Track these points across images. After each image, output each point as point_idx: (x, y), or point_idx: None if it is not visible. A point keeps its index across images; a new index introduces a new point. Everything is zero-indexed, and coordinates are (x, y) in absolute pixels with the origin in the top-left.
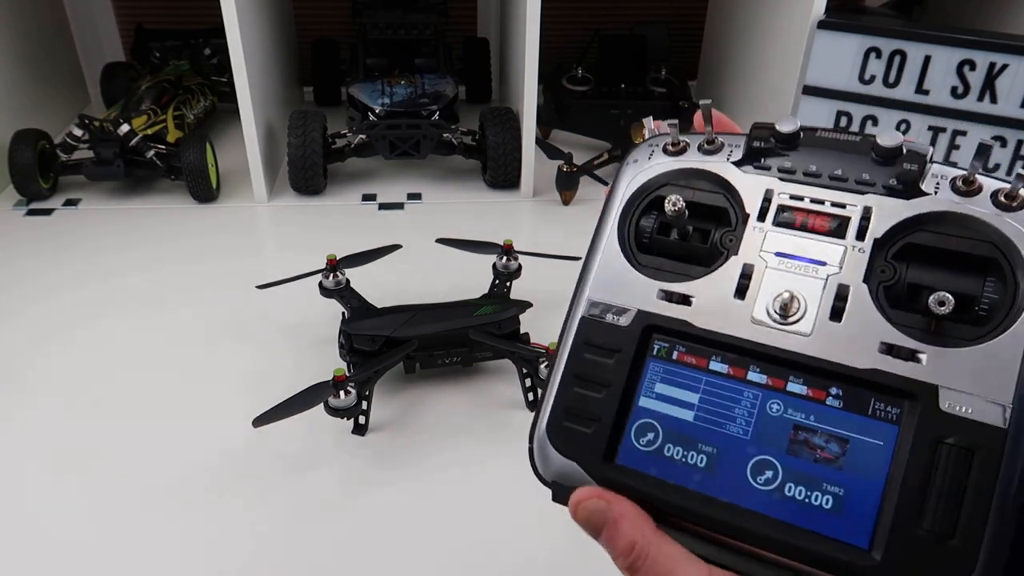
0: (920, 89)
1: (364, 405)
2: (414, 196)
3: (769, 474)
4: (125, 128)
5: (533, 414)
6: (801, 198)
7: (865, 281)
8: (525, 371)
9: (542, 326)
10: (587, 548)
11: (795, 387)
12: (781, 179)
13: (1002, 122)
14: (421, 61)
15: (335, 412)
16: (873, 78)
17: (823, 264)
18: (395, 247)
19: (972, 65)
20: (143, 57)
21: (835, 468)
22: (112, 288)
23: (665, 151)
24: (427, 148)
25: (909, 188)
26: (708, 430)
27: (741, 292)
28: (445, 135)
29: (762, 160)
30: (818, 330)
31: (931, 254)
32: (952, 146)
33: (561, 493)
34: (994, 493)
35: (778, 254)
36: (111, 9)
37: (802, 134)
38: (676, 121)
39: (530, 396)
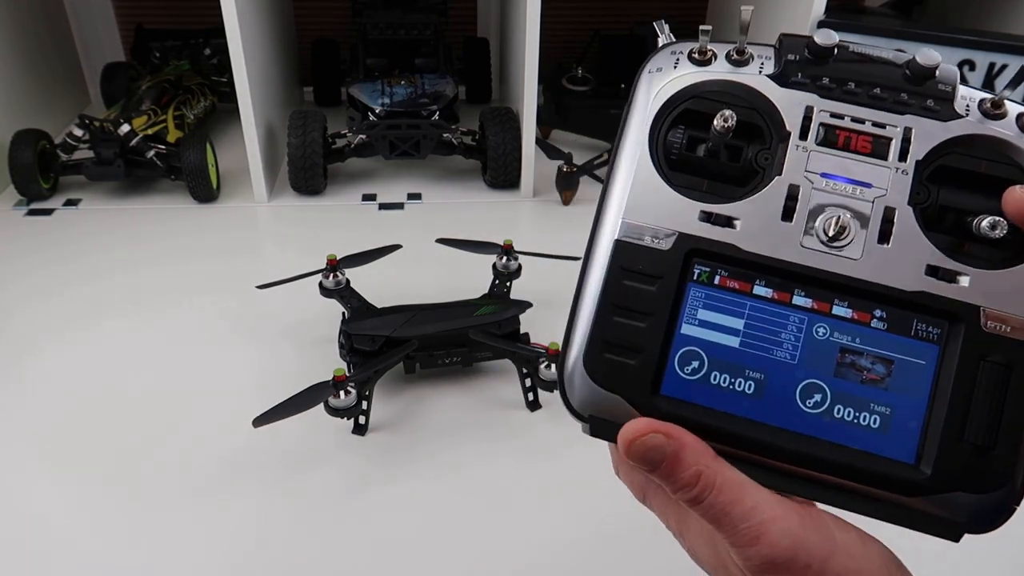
0: None
1: (364, 405)
2: (414, 196)
3: (818, 397)
4: (125, 128)
5: (562, 347)
6: (842, 117)
7: (910, 203)
8: (525, 371)
9: (542, 326)
10: (587, 548)
11: (840, 310)
12: (821, 96)
13: None
14: (421, 61)
15: (335, 412)
16: None
17: (869, 186)
18: (395, 247)
19: (972, 65)
20: (143, 57)
21: (881, 388)
22: (112, 288)
23: (691, 59)
24: (427, 148)
25: (944, 109)
26: (755, 356)
27: (788, 214)
28: (445, 135)
29: (799, 75)
30: (867, 253)
31: (961, 176)
32: None
33: (601, 428)
34: None
35: (824, 175)
36: (111, 9)
37: (836, 50)
38: (709, 28)
39: (530, 396)
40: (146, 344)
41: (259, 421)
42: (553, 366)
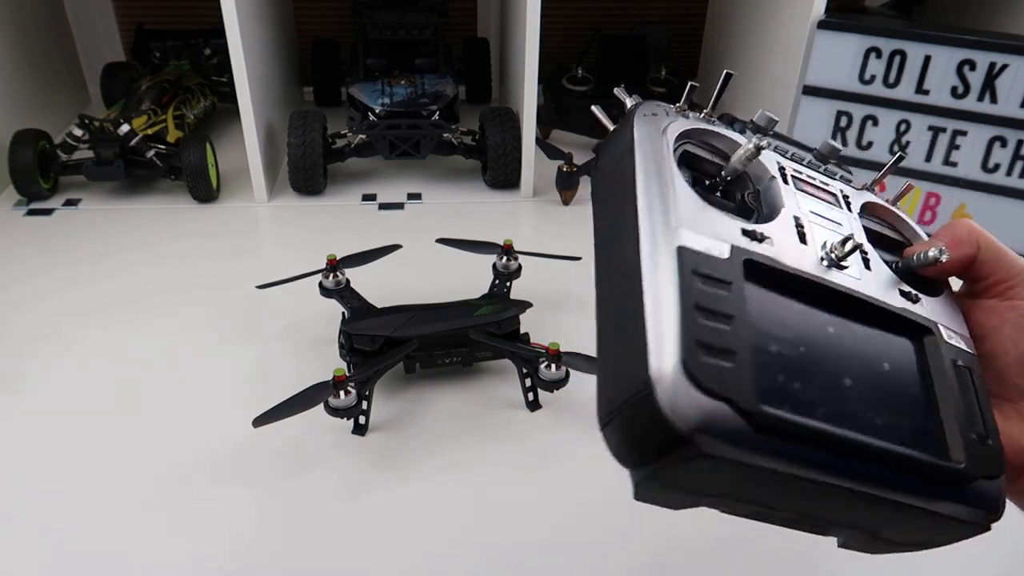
0: (920, 89)
1: (364, 405)
2: (414, 196)
3: (871, 414)
4: (125, 128)
5: (636, 344)
6: (800, 172)
7: (869, 241)
8: (525, 371)
9: (542, 326)
10: (587, 547)
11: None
12: (780, 155)
13: (1002, 122)
14: (421, 61)
15: (335, 412)
16: (873, 78)
17: (841, 225)
18: (395, 247)
19: (972, 65)
20: (143, 57)
21: (905, 398)
22: (112, 288)
23: (678, 112)
24: (427, 148)
25: (852, 182)
26: (815, 368)
27: (803, 239)
28: (445, 135)
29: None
30: (863, 275)
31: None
32: (952, 146)
33: (709, 448)
34: (989, 403)
35: (812, 212)
36: (111, 9)
37: (772, 125)
38: (684, 106)
39: (530, 396)
40: (146, 344)
41: (259, 421)
42: (553, 366)
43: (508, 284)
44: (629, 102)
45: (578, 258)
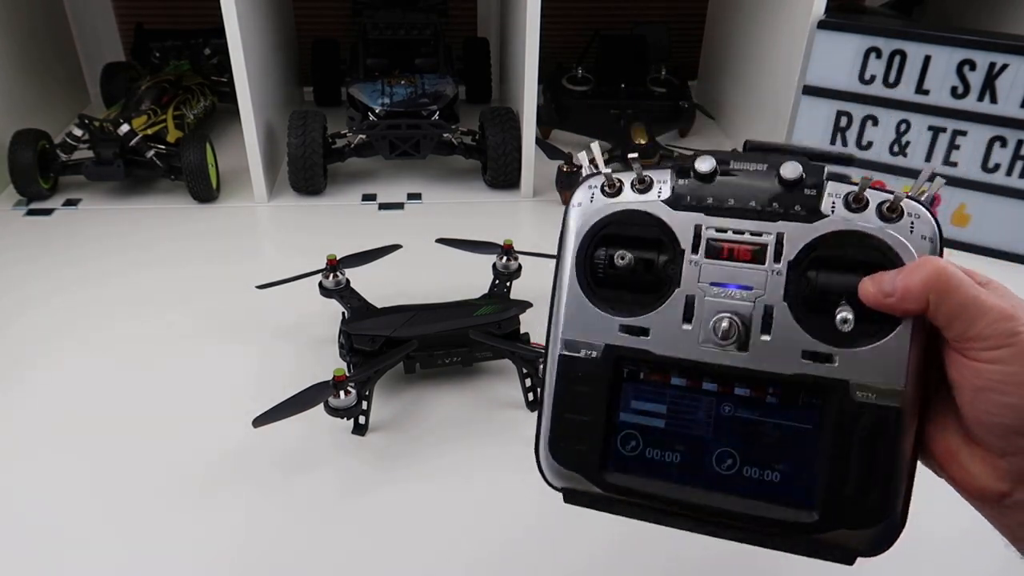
0: (920, 89)
1: (364, 405)
2: (414, 196)
3: (729, 461)
4: (125, 128)
5: (536, 430)
6: (725, 230)
7: (785, 299)
8: (525, 371)
9: (542, 326)
10: (587, 550)
11: (740, 391)
12: (706, 214)
13: (1002, 122)
14: (421, 61)
15: (335, 412)
16: (873, 78)
17: (750, 288)
18: (395, 247)
19: (972, 65)
20: (143, 57)
21: (779, 450)
22: (112, 288)
23: (603, 192)
24: (427, 148)
25: (810, 212)
26: (677, 433)
27: (688, 319)
28: (445, 135)
29: (687, 199)
30: (752, 346)
31: (834, 263)
32: (952, 146)
33: (571, 496)
34: (897, 456)
35: (712, 283)
36: (111, 9)
37: (718, 169)
38: (610, 171)
39: (530, 396)
40: (145, 344)
41: (259, 421)
42: None
43: (508, 284)
44: (586, 169)
45: None
